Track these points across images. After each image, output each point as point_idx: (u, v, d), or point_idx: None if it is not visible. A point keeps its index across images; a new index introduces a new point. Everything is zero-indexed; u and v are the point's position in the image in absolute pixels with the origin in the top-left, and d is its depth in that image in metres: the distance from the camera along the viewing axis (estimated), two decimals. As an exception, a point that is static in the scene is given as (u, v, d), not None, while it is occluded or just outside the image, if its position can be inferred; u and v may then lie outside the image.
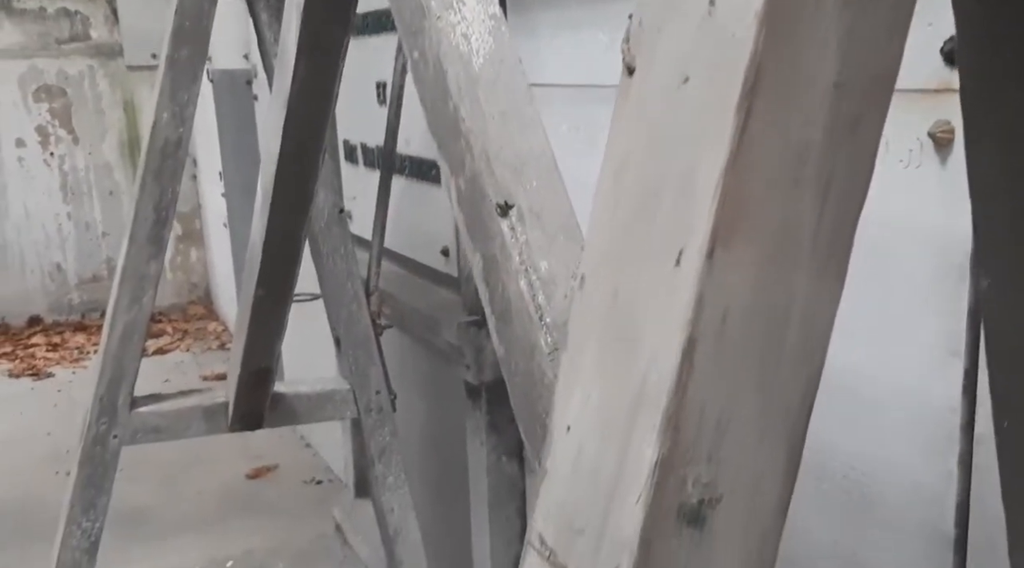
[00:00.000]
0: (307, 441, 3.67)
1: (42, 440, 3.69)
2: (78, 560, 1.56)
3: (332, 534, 2.88)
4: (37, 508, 3.10)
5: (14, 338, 4.98)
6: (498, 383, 1.84)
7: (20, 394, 4.25)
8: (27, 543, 2.85)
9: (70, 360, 4.71)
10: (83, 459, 1.54)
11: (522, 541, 1.59)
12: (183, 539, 2.88)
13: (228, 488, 3.26)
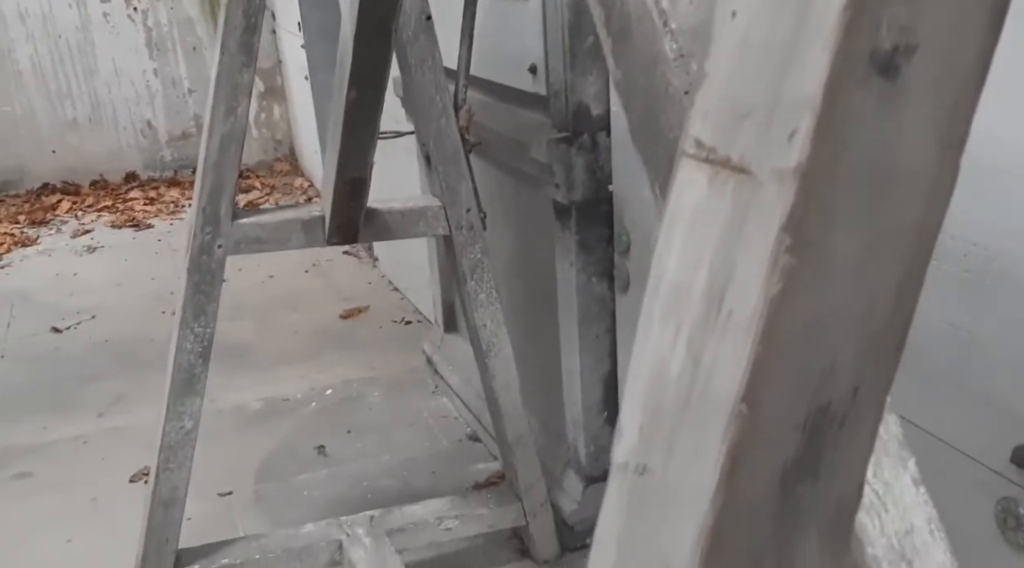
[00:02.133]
0: (395, 286, 3.77)
1: (147, 284, 3.88)
2: (192, 363, 1.65)
3: (423, 366, 3.00)
4: (146, 343, 3.30)
5: (113, 193, 5.18)
6: (588, 202, 1.83)
7: (124, 243, 4.45)
8: (138, 372, 3.05)
9: (166, 213, 4.88)
10: (191, 267, 1.61)
11: (612, 359, 1.61)
12: (284, 370, 3.03)
13: (323, 327, 3.39)
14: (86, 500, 2.34)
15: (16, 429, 2.71)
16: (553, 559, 2.00)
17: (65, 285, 3.90)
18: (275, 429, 2.68)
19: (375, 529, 1.86)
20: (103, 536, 2.19)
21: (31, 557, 2.13)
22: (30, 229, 4.62)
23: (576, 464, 2.03)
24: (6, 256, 4.25)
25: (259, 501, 2.34)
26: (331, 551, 1.83)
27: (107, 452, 2.58)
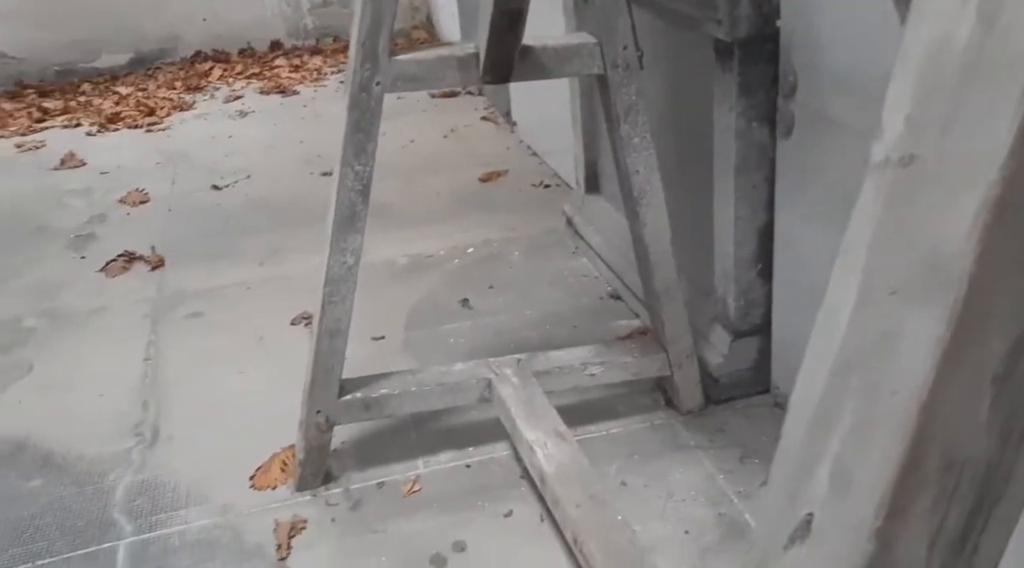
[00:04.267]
0: (533, 150, 3.75)
1: (295, 146, 4.02)
2: (353, 200, 1.71)
3: (562, 228, 3.01)
4: (296, 201, 3.44)
5: (260, 60, 5.32)
6: (752, 40, 1.73)
7: (272, 108, 4.60)
8: (291, 227, 3.20)
9: (310, 80, 4.99)
10: (351, 105, 1.63)
11: (769, 210, 1.55)
12: (426, 229, 3.10)
13: (463, 189, 3.44)
14: (253, 338, 2.52)
15: (188, 274, 2.92)
16: (696, 410, 2.01)
17: (221, 147, 4.09)
18: (420, 283, 2.78)
19: (522, 370, 1.92)
20: (270, 369, 2.35)
21: (210, 384, 2.32)
22: (187, 95, 4.83)
23: (724, 318, 2.01)
24: (167, 119, 4.48)
25: (408, 346, 2.44)
26: (480, 388, 1.91)
27: (268, 298, 2.74)
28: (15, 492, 1.97)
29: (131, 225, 3.33)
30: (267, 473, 1.97)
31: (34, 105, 4.73)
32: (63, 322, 2.68)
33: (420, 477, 1.92)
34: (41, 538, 1.83)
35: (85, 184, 3.73)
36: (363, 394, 1.86)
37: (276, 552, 1.74)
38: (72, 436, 2.14)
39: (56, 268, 3.02)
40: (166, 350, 2.50)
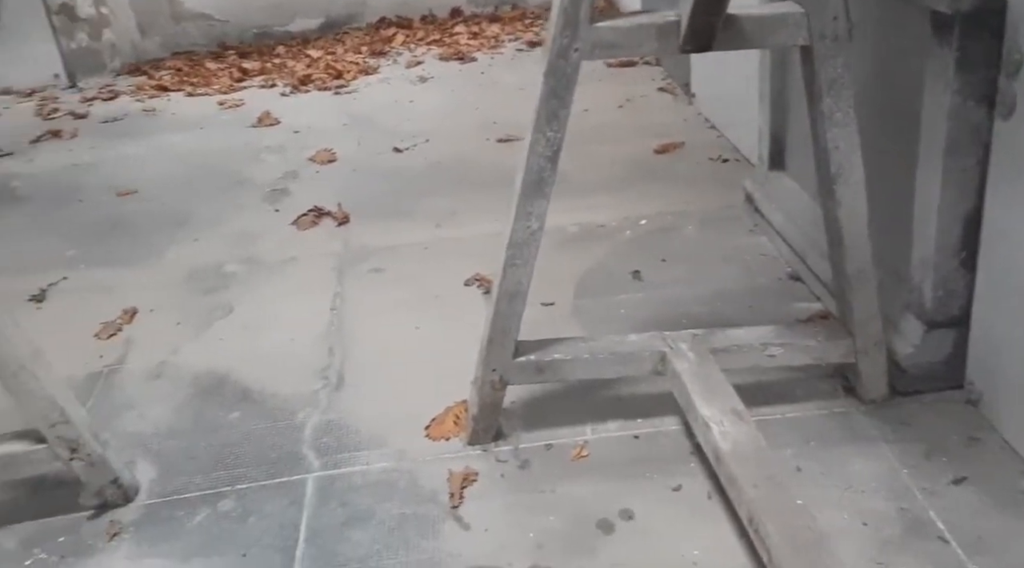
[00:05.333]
0: (711, 123, 3.66)
1: (472, 112, 4.11)
2: (542, 166, 1.73)
3: (740, 204, 2.93)
4: (473, 166, 3.53)
5: (440, 27, 5.45)
6: (976, 12, 1.61)
7: (451, 74, 4.71)
8: (467, 191, 3.29)
9: (488, 47, 5.07)
10: (548, 71, 1.65)
11: (979, 196, 1.45)
12: (598, 198, 3.11)
13: (637, 160, 3.41)
14: (430, 295, 2.62)
15: (370, 231, 3.06)
16: (879, 400, 1.93)
17: (402, 110, 4.24)
18: (591, 252, 2.79)
19: (698, 346, 1.90)
20: (444, 326, 2.45)
21: (388, 336, 2.43)
22: (371, 59, 5.02)
23: (918, 307, 1.90)
24: (353, 83, 4.69)
25: (577, 313, 2.47)
26: (654, 360, 1.91)
27: (444, 258, 2.84)
28: (218, 422, 2.15)
29: (320, 182, 3.52)
30: (441, 425, 2.05)
31: (235, 65, 5.06)
32: (259, 269, 2.88)
33: (588, 443, 1.94)
34: (240, 465, 1.99)
35: (279, 142, 3.97)
36: (537, 357, 1.90)
37: (449, 500, 1.82)
38: (266, 375, 2.31)
39: (254, 219, 3.24)
40: (350, 301, 2.64)
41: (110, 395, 2.28)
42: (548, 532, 1.71)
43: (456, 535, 1.73)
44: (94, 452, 1.83)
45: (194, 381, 2.32)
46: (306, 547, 1.73)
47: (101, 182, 3.67)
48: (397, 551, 1.70)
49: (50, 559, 1.77)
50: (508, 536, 1.71)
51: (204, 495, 1.90)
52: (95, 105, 4.70)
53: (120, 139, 4.17)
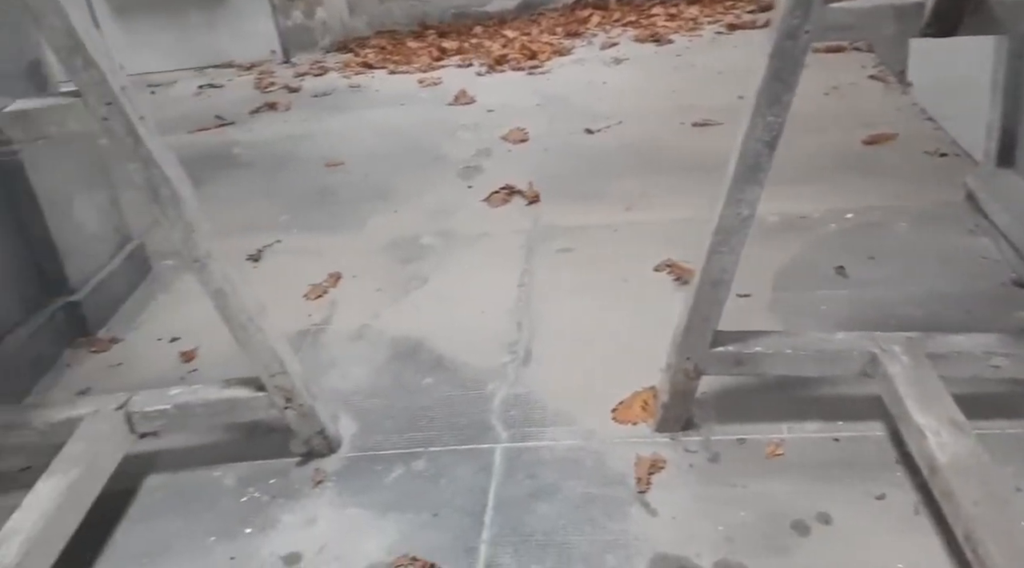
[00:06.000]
0: (928, 114, 3.42)
1: (667, 95, 4.04)
2: (759, 151, 1.67)
3: (960, 202, 2.72)
4: (665, 149, 3.47)
5: (637, 8, 5.39)
6: None
7: (646, 56, 4.65)
8: (658, 175, 3.25)
9: (685, 29, 4.96)
10: (774, 52, 1.59)
11: None
12: (801, 188, 2.97)
13: (843, 151, 3.24)
14: (617, 278, 2.61)
15: (560, 211, 3.08)
16: (1121, 425, 1.74)
17: (595, 92, 4.23)
18: (791, 244, 2.68)
19: (913, 349, 1.78)
20: (632, 310, 2.43)
21: (576, 315, 2.45)
22: (566, 40, 5.04)
23: None
24: (547, 63, 4.72)
25: (774, 307, 2.38)
26: (863, 361, 1.81)
27: (633, 241, 2.82)
28: (413, 385, 2.24)
29: (511, 160, 3.58)
30: (628, 409, 2.05)
31: (434, 45, 5.23)
32: (453, 243, 2.98)
33: (784, 441, 1.87)
34: (432, 428, 2.07)
35: (474, 120, 4.07)
36: (736, 348, 1.85)
37: (636, 484, 1.81)
38: (458, 344, 2.38)
39: (449, 194, 3.35)
40: (538, 279, 2.68)
41: (316, 352, 2.43)
42: (739, 527, 1.67)
43: (643, 520, 1.72)
44: (306, 403, 1.95)
45: (392, 345, 2.43)
46: (494, 514, 1.78)
47: (311, 153, 3.91)
48: (583, 528, 1.71)
49: (263, 498, 1.91)
50: (696, 527, 1.69)
51: (399, 453, 2.00)
52: (307, 80, 5.00)
53: (329, 113, 4.41)
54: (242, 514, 1.87)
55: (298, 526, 1.81)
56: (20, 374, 2.39)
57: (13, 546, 1.55)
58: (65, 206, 2.64)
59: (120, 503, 1.93)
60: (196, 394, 1.98)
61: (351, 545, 1.74)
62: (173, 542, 1.81)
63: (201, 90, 5.06)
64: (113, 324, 2.72)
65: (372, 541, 1.74)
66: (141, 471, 2.02)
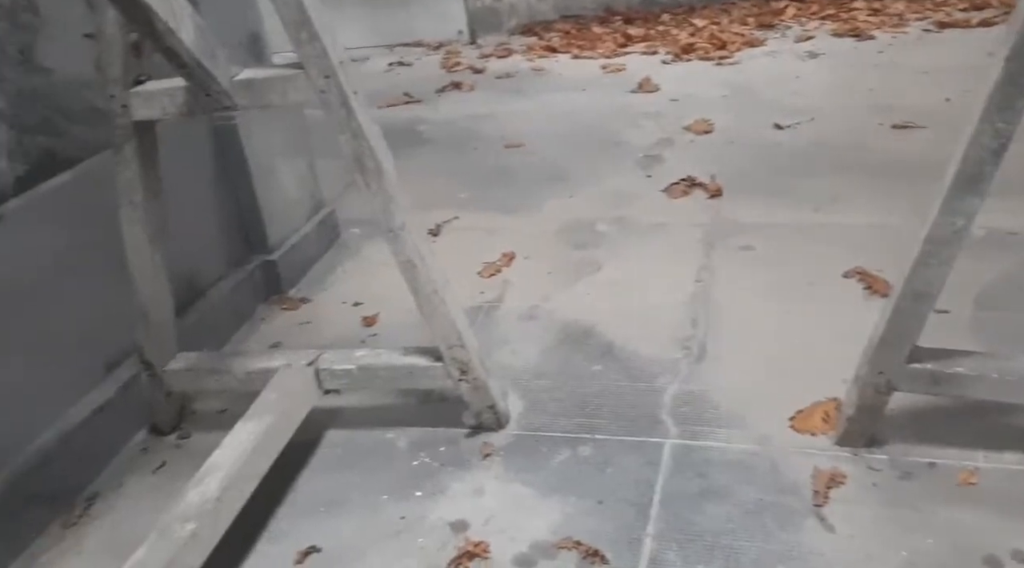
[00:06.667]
0: None
1: (864, 94, 3.83)
2: (983, 159, 1.55)
3: None
4: (861, 150, 3.30)
5: (836, 1, 5.13)
6: None
7: (843, 52, 4.43)
8: (852, 176, 3.09)
9: (889, 25, 4.68)
10: (1012, 54, 1.46)
11: None
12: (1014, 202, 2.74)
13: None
14: (802, 282, 2.51)
15: (743, 207, 3.00)
16: None
17: (786, 86, 4.07)
18: (998, 260, 2.48)
19: None
20: (816, 316, 2.33)
21: (755, 317, 2.38)
22: (757, 31, 4.88)
23: None
24: (736, 54, 4.59)
25: (976, 326, 2.22)
26: (1081, 394, 1.65)
27: (821, 244, 2.70)
28: (581, 371, 2.25)
29: (694, 152, 3.51)
30: (808, 418, 1.97)
31: (619, 31, 5.19)
32: (628, 231, 2.96)
33: (978, 470, 1.75)
34: (599, 416, 2.07)
35: (656, 108, 4.01)
36: (935, 366, 1.73)
37: (812, 497, 1.74)
38: (629, 334, 2.37)
39: (626, 181, 3.32)
40: (717, 275, 2.61)
41: (488, 329, 2.48)
42: (923, 554, 1.57)
43: (818, 534, 1.65)
44: (480, 377, 2.00)
45: (562, 328, 2.45)
46: (660, 508, 1.76)
47: (493, 133, 3.98)
48: (753, 534, 1.67)
49: (433, 464, 1.98)
50: (876, 548, 1.60)
51: (566, 437, 2.01)
52: (491, 61, 5.10)
53: (511, 95, 4.48)
54: (413, 477, 1.94)
55: (466, 495, 1.87)
56: (221, 324, 2.58)
57: (215, 480, 1.68)
58: (269, 171, 2.82)
59: (303, 453, 2.05)
60: (379, 358, 2.07)
61: (516, 520, 1.77)
62: (350, 495, 1.91)
63: (391, 67, 5.26)
64: (303, 285, 2.89)
65: (537, 519, 1.77)
66: (323, 425, 2.14)
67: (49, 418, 1.98)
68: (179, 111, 1.85)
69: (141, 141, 1.91)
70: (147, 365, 2.12)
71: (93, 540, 1.86)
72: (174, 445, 2.16)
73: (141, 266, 2.02)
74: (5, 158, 1.92)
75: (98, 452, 2.07)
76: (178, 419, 2.22)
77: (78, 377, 2.08)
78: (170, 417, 2.20)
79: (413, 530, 1.78)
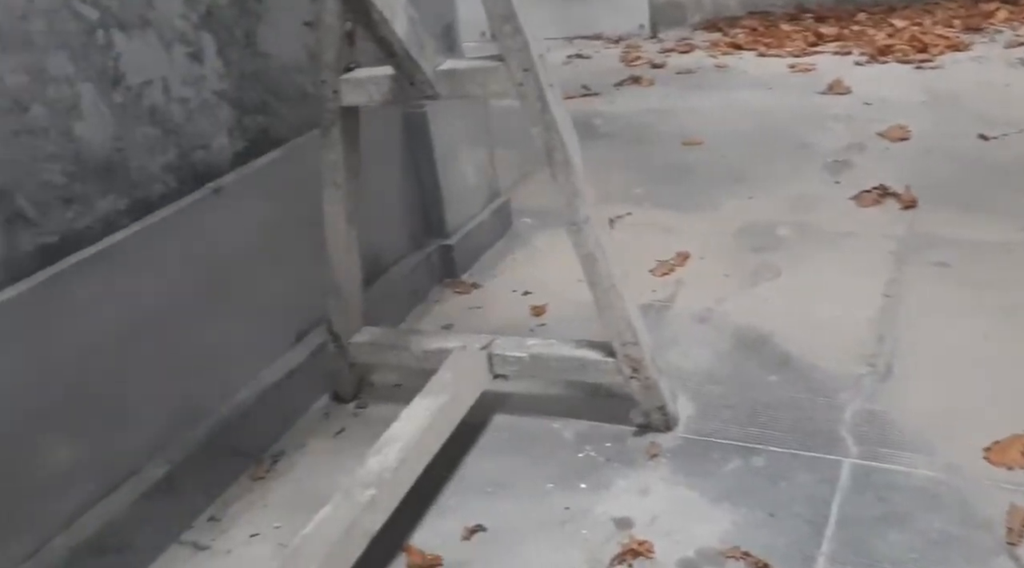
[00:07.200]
0: None
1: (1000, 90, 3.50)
2: None
3: None
4: None
5: None
6: None
7: None
8: None
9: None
10: None
11: None
12: None
13: None
14: (1006, 304, 2.33)
15: (940, 220, 2.81)
16: None
17: (994, 94, 3.78)
18: None
19: None
20: (1021, 343, 2.15)
21: (947, 338, 2.23)
22: (963, 35, 4.55)
23: None
24: (939, 58, 4.30)
25: None
26: None
27: (1029, 265, 2.49)
28: (756, 379, 2.19)
29: (887, 159, 3.33)
30: (1005, 451, 1.83)
31: (810, 29, 4.98)
32: (812, 237, 2.84)
33: None
34: (774, 427, 2.01)
35: (847, 111, 3.83)
36: None
37: (1006, 534, 1.62)
38: (809, 346, 2.28)
39: (811, 186, 3.19)
40: (907, 291, 2.47)
41: (658, 328, 2.45)
42: None
43: (1012, 577, 1.54)
44: (651, 377, 1.99)
45: (736, 333, 2.39)
46: (836, 529, 1.69)
47: (670, 129, 3.93)
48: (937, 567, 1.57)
49: (598, 458, 1.99)
50: (1081, 602, 1.47)
51: (736, 446, 1.96)
52: (672, 56, 5.02)
53: (691, 91, 4.40)
54: (578, 469, 1.96)
55: (631, 493, 1.86)
56: (399, 302, 2.69)
57: (393, 451, 1.76)
58: (452, 159, 2.90)
59: (471, 433, 2.11)
60: (551, 348, 2.09)
61: (682, 524, 1.75)
62: (515, 479, 1.95)
63: (569, 59, 5.28)
64: (475, 270, 2.96)
65: (704, 526, 1.74)
66: (490, 408, 2.19)
67: (247, 377, 2.13)
68: (384, 98, 1.94)
69: (346, 125, 2.01)
70: (335, 336, 2.24)
71: (277, 494, 2.00)
72: (352, 413, 2.28)
73: (337, 243, 2.13)
74: (226, 135, 2.08)
75: (286, 413, 2.21)
76: (357, 389, 2.34)
77: (273, 342, 2.23)
78: (351, 386, 2.32)
79: (577, 521, 1.80)
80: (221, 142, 2.07)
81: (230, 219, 2.04)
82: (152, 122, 1.87)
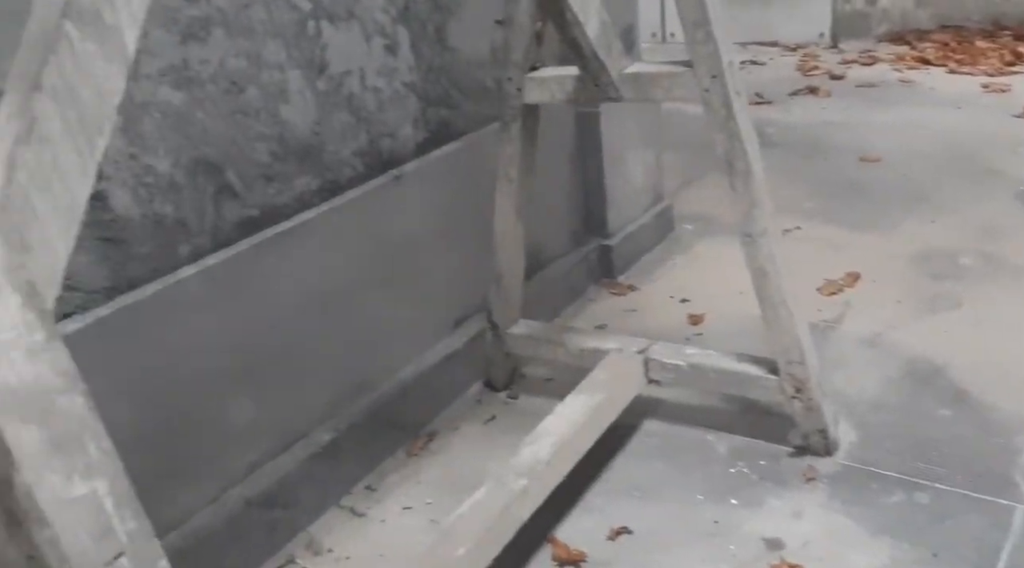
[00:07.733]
0: None
1: None
2: None
3: None
4: None
5: None
6: None
7: None
8: None
9: None
10: None
11: None
12: None
13: None
14: None
15: None
16: None
17: None
18: None
19: None
20: None
21: None
22: None
23: None
24: None
25: None
26: None
27: None
28: (925, 412, 2.08)
29: (1090, 191, 3.07)
30: None
31: (1008, 47, 4.66)
32: (998, 268, 2.66)
33: None
34: (942, 464, 1.90)
35: (1046, 136, 3.56)
36: None
37: None
38: (988, 382, 2.14)
39: (1001, 215, 2.99)
40: (1105, 335, 2.28)
41: (823, 350, 2.36)
42: None
43: None
44: (815, 398, 1.93)
45: (907, 363, 2.28)
46: (1007, 579, 1.59)
47: (847, 144, 3.77)
48: (1124, 639, 1.45)
49: (751, 476, 1.95)
50: None
51: (900, 478, 1.87)
52: (852, 68, 4.82)
53: (872, 105, 4.21)
54: (730, 484, 1.92)
55: (784, 514, 1.81)
56: (555, 298, 2.73)
57: (546, 444, 1.80)
58: (619, 160, 2.90)
59: (621, 436, 2.11)
60: (710, 359, 2.07)
61: (837, 553, 1.69)
62: (664, 486, 1.94)
63: (743, 66, 5.16)
64: (632, 273, 2.95)
65: (860, 557, 1.68)
66: (641, 413, 2.18)
67: (409, 357, 2.22)
68: (566, 98, 1.97)
69: (526, 122, 2.06)
70: (493, 325, 2.29)
71: (430, 473, 2.07)
72: (503, 402, 2.33)
73: (505, 235, 2.19)
74: (411, 125, 2.17)
75: (442, 395, 2.29)
76: (510, 379, 2.39)
77: (435, 325, 2.31)
78: (504, 376, 2.37)
79: (726, 536, 1.77)
80: (406, 132, 2.16)
81: (407, 205, 2.13)
82: (348, 110, 1.98)
